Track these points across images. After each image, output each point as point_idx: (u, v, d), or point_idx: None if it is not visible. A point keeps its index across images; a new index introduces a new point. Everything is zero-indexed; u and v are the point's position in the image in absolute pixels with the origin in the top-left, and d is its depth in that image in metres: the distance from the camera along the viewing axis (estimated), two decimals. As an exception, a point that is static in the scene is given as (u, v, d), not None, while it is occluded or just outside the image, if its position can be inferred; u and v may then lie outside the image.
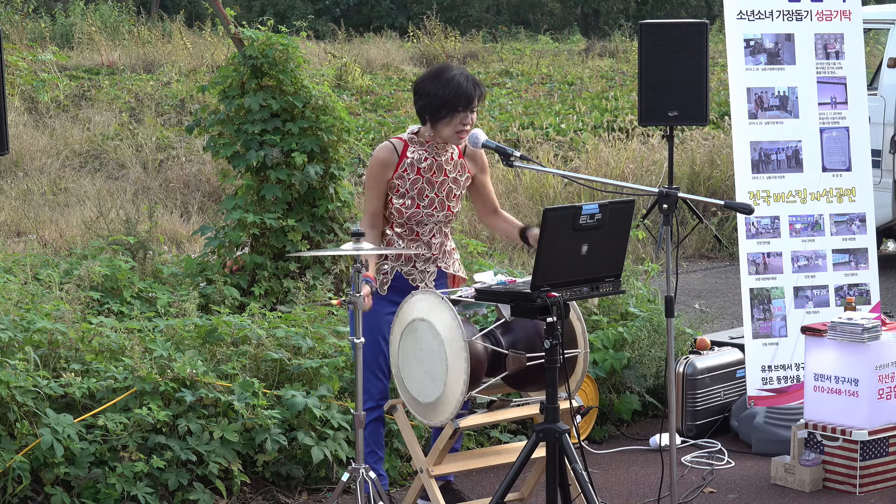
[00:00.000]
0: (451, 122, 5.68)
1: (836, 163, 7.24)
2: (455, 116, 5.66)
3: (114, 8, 27.78)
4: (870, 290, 7.22)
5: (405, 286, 5.81)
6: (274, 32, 8.44)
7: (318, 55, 22.15)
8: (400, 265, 5.83)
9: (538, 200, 12.76)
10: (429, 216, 5.81)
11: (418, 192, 5.77)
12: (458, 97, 5.63)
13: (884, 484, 6.39)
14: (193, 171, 14.31)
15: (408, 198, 5.75)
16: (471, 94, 5.65)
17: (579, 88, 20.95)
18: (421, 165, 5.77)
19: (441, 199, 5.82)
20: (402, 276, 5.83)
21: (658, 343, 7.44)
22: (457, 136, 5.72)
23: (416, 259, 5.83)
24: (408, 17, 34.00)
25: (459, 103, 5.64)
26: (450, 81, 5.65)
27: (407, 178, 5.75)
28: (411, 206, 5.76)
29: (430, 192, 5.79)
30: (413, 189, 5.76)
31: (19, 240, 11.45)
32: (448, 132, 5.71)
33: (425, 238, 5.85)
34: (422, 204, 5.78)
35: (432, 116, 5.69)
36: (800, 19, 7.26)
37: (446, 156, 5.82)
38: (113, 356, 6.37)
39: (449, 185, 5.84)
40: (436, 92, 5.65)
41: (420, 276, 5.86)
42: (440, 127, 5.70)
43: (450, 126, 5.69)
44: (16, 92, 17.84)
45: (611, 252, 5.26)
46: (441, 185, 5.81)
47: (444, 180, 5.82)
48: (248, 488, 6.27)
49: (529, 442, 5.23)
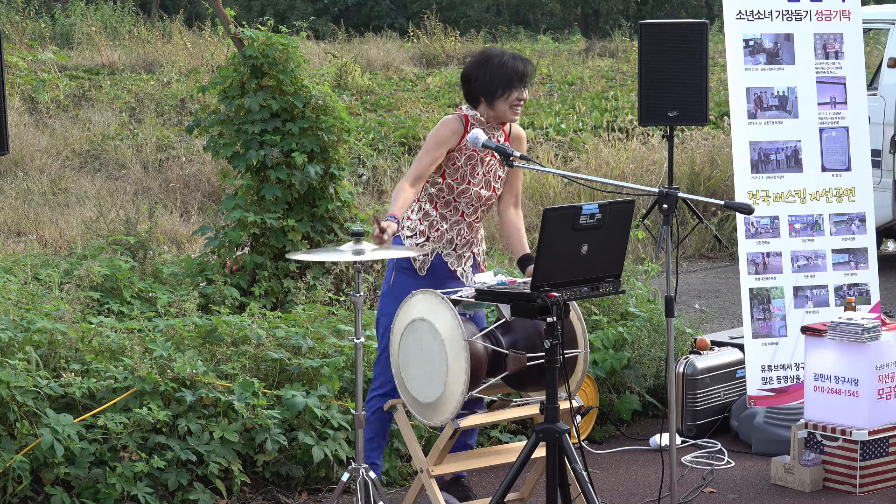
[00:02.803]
0: (508, 98, 5.81)
1: (836, 163, 7.24)
2: (512, 93, 5.80)
3: (114, 8, 27.79)
4: (870, 290, 7.23)
5: (443, 270, 5.88)
6: (274, 32, 8.44)
7: (318, 55, 22.15)
8: (442, 247, 5.88)
9: (538, 200, 12.76)
10: (476, 196, 5.89)
11: (471, 168, 5.85)
12: (514, 73, 5.80)
13: (884, 484, 6.39)
14: (193, 171, 14.31)
15: (460, 173, 5.83)
16: (523, 69, 5.83)
17: (579, 88, 20.95)
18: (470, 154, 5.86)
19: (488, 178, 5.92)
20: (441, 259, 5.90)
21: (658, 343, 7.44)
22: (512, 112, 5.85)
23: (457, 242, 5.91)
24: (407, 17, 34.00)
25: (515, 79, 5.79)
26: (501, 61, 5.83)
27: (464, 152, 5.83)
28: (462, 182, 5.84)
29: (481, 170, 5.89)
30: (467, 165, 5.84)
31: (19, 240, 11.45)
32: (504, 108, 5.83)
33: (469, 219, 5.93)
34: (472, 181, 5.86)
35: (489, 96, 5.82)
36: (799, 19, 7.26)
37: (495, 138, 5.92)
38: (113, 356, 6.38)
39: (495, 166, 5.94)
40: (490, 73, 5.81)
41: (457, 261, 5.94)
42: (497, 104, 5.82)
43: (507, 102, 5.81)
44: (16, 92, 17.84)
45: (611, 252, 5.26)
46: (489, 166, 5.91)
47: (493, 161, 5.92)
48: (248, 488, 6.27)
49: (529, 442, 5.23)
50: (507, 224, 6.09)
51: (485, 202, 5.94)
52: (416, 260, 5.85)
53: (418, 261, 5.86)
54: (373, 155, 14.55)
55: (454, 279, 5.91)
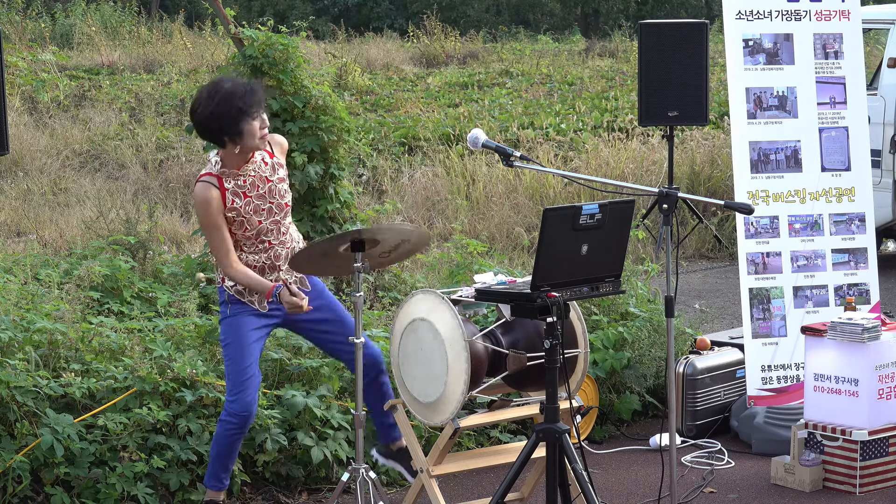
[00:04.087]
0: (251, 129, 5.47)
1: (836, 162, 7.24)
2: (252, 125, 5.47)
3: (115, 8, 27.79)
4: (869, 290, 7.23)
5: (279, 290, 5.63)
6: (274, 32, 8.44)
7: (318, 55, 22.15)
8: (267, 276, 5.65)
9: (538, 200, 12.76)
10: (273, 223, 5.63)
11: (254, 210, 5.57)
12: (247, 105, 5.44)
13: (884, 484, 6.39)
14: (193, 171, 14.31)
15: (247, 222, 5.56)
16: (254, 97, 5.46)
17: (579, 88, 20.95)
18: (244, 189, 5.57)
19: (277, 202, 5.64)
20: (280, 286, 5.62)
21: (658, 343, 7.44)
22: (262, 141, 5.54)
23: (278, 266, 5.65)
24: (407, 17, 34.00)
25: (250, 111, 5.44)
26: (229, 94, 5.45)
27: (238, 206, 5.54)
28: (254, 226, 5.58)
29: (265, 205, 5.61)
30: (248, 212, 5.56)
31: (19, 240, 11.45)
32: (251, 141, 5.50)
33: (277, 240, 5.67)
34: (262, 219, 5.59)
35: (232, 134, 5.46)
36: (798, 19, 7.26)
37: (258, 164, 5.61)
38: (113, 356, 6.38)
39: (276, 185, 5.65)
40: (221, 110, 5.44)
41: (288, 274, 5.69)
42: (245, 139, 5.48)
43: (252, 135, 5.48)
44: (16, 92, 17.84)
45: (611, 252, 5.26)
46: (271, 192, 5.62)
47: (270, 186, 5.63)
48: (248, 488, 6.27)
49: (529, 442, 5.23)
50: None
51: (282, 219, 5.67)
52: (252, 301, 5.59)
53: (255, 298, 5.59)
54: (373, 155, 14.56)
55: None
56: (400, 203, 12.47)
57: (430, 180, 13.62)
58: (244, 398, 5.55)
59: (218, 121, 5.44)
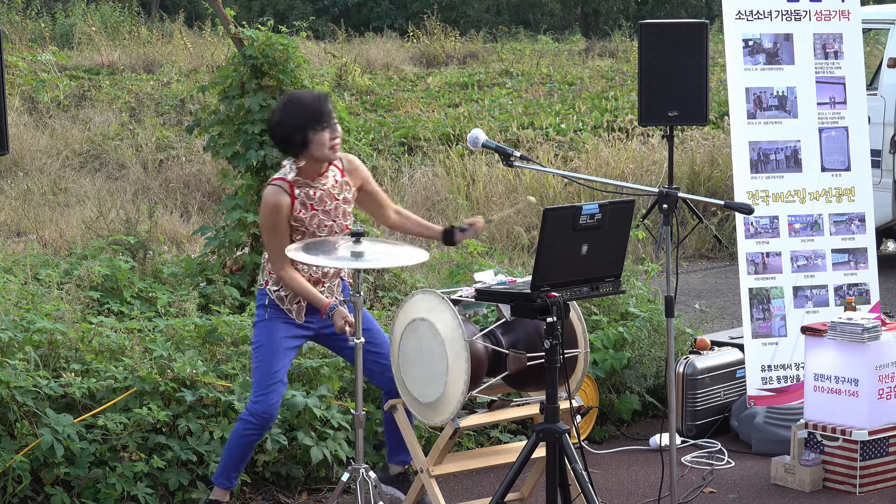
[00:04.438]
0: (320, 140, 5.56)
1: (836, 162, 7.24)
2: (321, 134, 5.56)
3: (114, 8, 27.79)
4: (869, 290, 7.23)
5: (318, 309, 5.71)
6: (274, 32, 8.44)
7: (318, 55, 22.14)
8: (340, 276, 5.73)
9: (538, 200, 12.75)
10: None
11: (317, 225, 5.67)
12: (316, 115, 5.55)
13: (884, 484, 6.39)
14: (193, 171, 14.31)
15: (308, 234, 5.64)
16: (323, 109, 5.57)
17: (579, 88, 20.95)
18: (311, 201, 5.66)
19: (339, 223, 5.73)
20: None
21: (658, 343, 7.44)
22: (332, 152, 5.63)
23: (323, 279, 5.73)
24: (407, 17, 34.00)
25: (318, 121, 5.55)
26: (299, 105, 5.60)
27: (303, 216, 5.63)
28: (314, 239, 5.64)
29: (328, 221, 5.70)
30: (312, 224, 5.65)
31: (19, 240, 11.45)
32: (321, 151, 5.59)
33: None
34: (322, 235, 5.67)
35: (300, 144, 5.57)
36: (798, 19, 7.26)
37: (329, 181, 5.71)
38: (113, 356, 6.38)
39: (341, 207, 5.74)
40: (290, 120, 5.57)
41: (329, 293, 5.75)
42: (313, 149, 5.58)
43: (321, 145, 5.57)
44: (16, 92, 17.84)
45: (611, 252, 5.26)
46: (335, 211, 5.72)
47: (336, 204, 5.72)
48: (248, 488, 6.27)
49: (529, 442, 5.23)
50: (402, 226, 5.94)
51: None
52: (290, 310, 5.68)
53: (293, 308, 5.69)
54: (373, 155, 14.56)
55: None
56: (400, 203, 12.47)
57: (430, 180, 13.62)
58: (268, 400, 5.62)
59: (286, 129, 5.57)
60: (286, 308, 5.68)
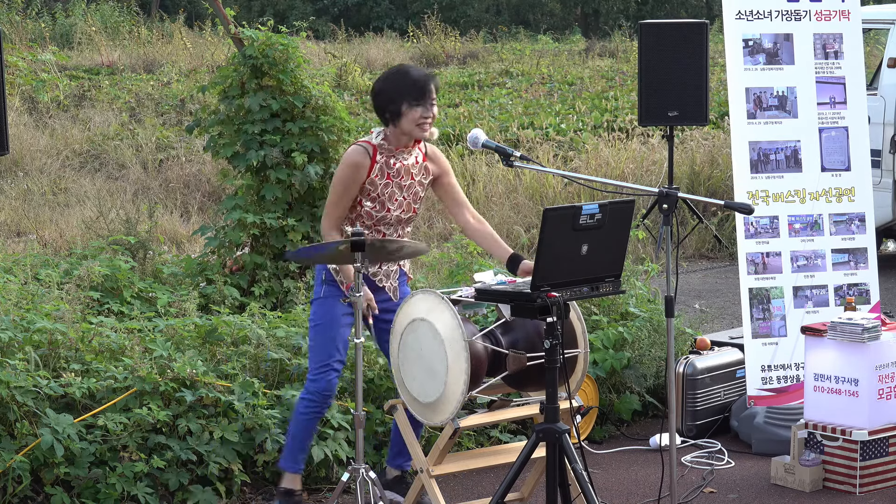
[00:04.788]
0: (412, 115, 5.68)
1: (836, 162, 7.24)
2: (415, 110, 5.68)
3: (115, 8, 27.78)
4: (869, 290, 7.23)
5: (372, 287, 5.82)
6: (274, 32, 8.44)
7: (318, 55, 22.15)
8: (366, 268, 5.79)
9: (538, 200, 12.76)
10: (397, 220, 5.81)
11: (389, 195, 5.76)
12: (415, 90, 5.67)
13: (884, 484, 6.39)
14: (193, 171, 14.32)
15: (378, 202, 5.75)
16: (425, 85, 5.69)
17: (579, 88, 20.95)
18: (390, 170, 5.76)
19: (408, 201, 5.82)
20: (368, 277, 5.83)
21: (658, 343, 7.44)
22: (419, 129, 5.73)
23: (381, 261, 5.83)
24: (407, 17, 34.00)
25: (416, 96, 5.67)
26: (403, 76, 5.74)
27: (379, 182, 5.74)
28: (381, 210, 5.76)
29: (399, 196, 5.79)
30: (385, 192, 5.75)
31: (19, 240, 11.45)
32: (410, 126, 5.71)
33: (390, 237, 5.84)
34: (391, 207, 5.77)
35: (393, 113, 5.71)
36: (798, 19, 7.26)
37: (411, 159, 5.82)
38: (113, 356, 6.38)
39: (415, 187, 5.84)
40: (390, 88, 5.72)
41: (384, 276, 5.86)
42: (402, 122, 5.70)
43: (411, 120, 5.69)
44: (16, 92, 17.84)
45: (611, 252, 5.26)
46: (409, 189, 5.81)
47: (411, 183, 5.82)
48: (248, 488, 6.27)
49: (529, 442, 5.23)
50: (476, 234, 5.98)
51: (405, 223, 5.86)
52: (342, 283, 5.76)
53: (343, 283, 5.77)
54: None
55: (381, 292, 5.87)
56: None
57: (430, 180, 13.60)
58: (327, 377, 5.74)
59: (385, 95, 5.72)
60: (339, 280, 5.76)
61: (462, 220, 5.99)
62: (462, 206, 5.98)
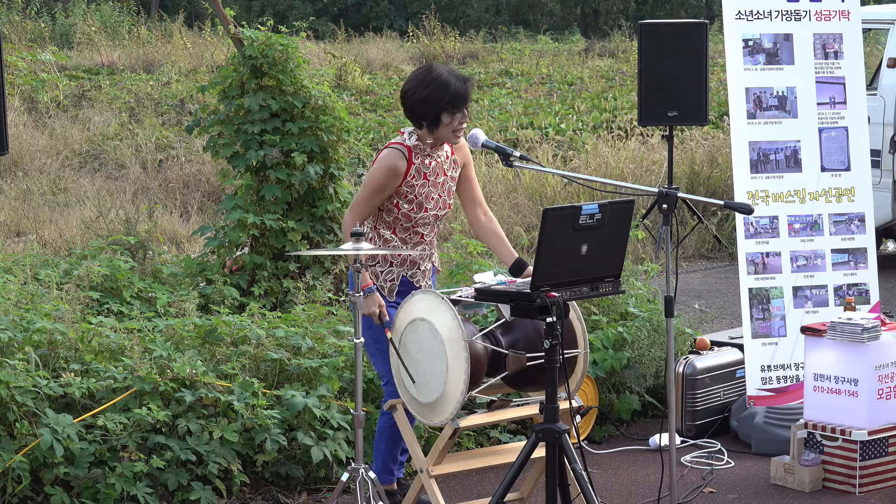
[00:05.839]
0: (450, 123, 5.68)
1: (835, 163, 7.24)
2: (453, 118, 5.67)
3: (114, 8, 27.78)
4: (869, 290, 7.23)
5: (409, 288, 5.83)
6: (273, 32, 8.44)
7: (318, 55, 22.15)
8: (405, 269, 5.83)
9: (538, 200, 12.76)
10: (434, 218, 5.83)
11: (426, 195, 5.77)
12: (455, 99, 5.64)
13: (883, 484, 6.39)
14: (193, 171, 14.31)
15: (415, 203, 5.75)
16: (464, 93, 5.67)
17: (579, 88, 20.95)
18: (426, 170, 5.77)
19: (443, 198, 5.84)
20: (406, 279, 5.84)
21: (658, 343, 7.44)
22: (454, 136, 5.73)
23: (419, 260, 5.83)
24: (407, 17, 33.99)
25: (456, 105, 5.64)
26: (443, 84, 5.66)
27: (416, 183, 5.74)
28: (419, 211, 5.76)
29: (435, 194, 5.80)
30: (421, 194, 5.75)
31: (19, 240, 11.45)
32: (446, 133, 5.70)
33: (427, 238, 5.87)
34: (429, 207, 5.78)
35: (430, 120, 5.68)
36: (798, 19, 7.26)
37: (442, 155, 5.83)
38: (113, 356, 6.38)
39: (448, 183, 5.86)
40: (429, 95, 5.65)
41: (421, 276, 5.89)
42: (440, 129, 5.69)
43: (449, 127, 5.69)
44: (16, 92, 17.84)
45: (611, 252, 5.26)
46: (443, 185, 5.83)
47: (445, 179, 5.84)
48: (247, 488, 6.27)
49: (529, 442, 5.23)
50: (484, 232, 5.97)
51: (440, 219, 5.89)
52: (382, 287, 5.78)
53: (386, 286, 5.80)
54: (372, 155, 14.55)
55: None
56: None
57: (430, 180, 13.60)
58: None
59: (425, 104, 5.64)
60: (379, 285, 5.77)
61: (472, 215, 5.98)
62: (475, 202, 5.97)
